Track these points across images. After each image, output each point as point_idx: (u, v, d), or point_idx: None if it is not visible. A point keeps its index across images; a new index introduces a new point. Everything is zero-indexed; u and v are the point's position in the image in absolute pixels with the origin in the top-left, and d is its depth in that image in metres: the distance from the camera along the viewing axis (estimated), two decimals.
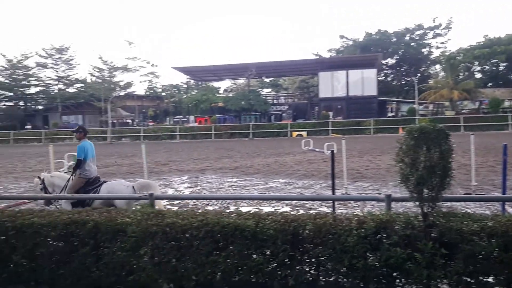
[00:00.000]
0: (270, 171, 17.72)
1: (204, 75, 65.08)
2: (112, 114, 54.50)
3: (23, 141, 49.51)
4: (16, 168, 22.94)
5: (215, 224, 4.48)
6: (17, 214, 5.28)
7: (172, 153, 28.76)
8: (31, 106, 69.03)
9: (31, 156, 30.44)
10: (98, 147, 36.55)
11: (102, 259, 4.77)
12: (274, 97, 68.96)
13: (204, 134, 46.15)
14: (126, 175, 18.20)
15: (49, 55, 63.84)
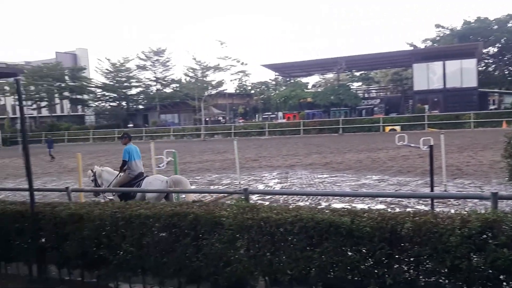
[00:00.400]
0: (362, 167, 17.32)
1: (292, 71, 65.22)
2: (205, 112, 56.74)
3: None
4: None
5: (309, 219, 4.49)
6: (126, 206, 5.72)
7: (262, 149, 29.24)
8: (132, 106, 74.11)
9: None
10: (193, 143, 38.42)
11: (201, 250, 5.00)
12: (365, 91, 67.18)
13: (293, 130, 46.26)
14: (219, 171, 18.88)
15: (148, 58, 68.04)
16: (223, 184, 15.30)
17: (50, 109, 67.72)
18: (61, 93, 66.60)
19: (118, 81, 67.65)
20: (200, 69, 64.14)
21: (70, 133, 56.98)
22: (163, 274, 5.33)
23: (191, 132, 51.58)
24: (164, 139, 49.84)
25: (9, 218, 6.26)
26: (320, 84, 77.99)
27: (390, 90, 65.97)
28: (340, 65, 54.35)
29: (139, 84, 70.74)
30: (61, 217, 5.90)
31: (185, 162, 22.66)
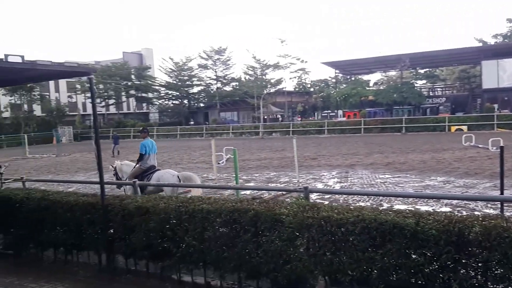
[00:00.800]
0: (426, 168, 16.70)
1: (353, 68, 64.01)
2: (263, 110, 57.07)
3: (188, 136, 54.81)
4: (183, 159, 25.56)
5: (371, 220, 4.41)
6: (189, 201, 5.91)
7: (321, 148, 28.97)
8: (193, 104, 76.00)
9: (194, 149, 33.59)
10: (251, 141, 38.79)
11: (261, 247, 5.06)
12: (430, 89, 64.51)
13: (353, 128, 45.41)
14: (277, 168, 18.93)
15: (209, 57, 69.44)
16: (281, 182, 15.34)
17: (117, 106, 70.93)
18: (128, 92, 69.57)
19: (181, 79, 69.60)
20: (260, 67, 64.59)
21: (136, 130, 59.40)
22: (224, 269, 5.44)
23: (250, 130, 52.07)
24: (223, 136, 50.70)
25: (81, 209, 6.66)
26: (382, 81, 75.93)
27: (457, 88, 62.98)
28: (403, 62, 52.63)
29: (200, 82, 72.39)
30: (128, 210, 6.19)
31: (243, 159, 22.94)
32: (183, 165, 22.47)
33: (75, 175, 20.71)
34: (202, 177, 17.22)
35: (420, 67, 68.24)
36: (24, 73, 6.91)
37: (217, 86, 71.37)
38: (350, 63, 59.63)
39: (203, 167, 20.58)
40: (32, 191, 7.68)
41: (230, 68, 71.16)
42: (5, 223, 7.54)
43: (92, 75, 6.51)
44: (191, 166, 21.43)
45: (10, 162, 25.52)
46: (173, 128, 58.23)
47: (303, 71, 70.39)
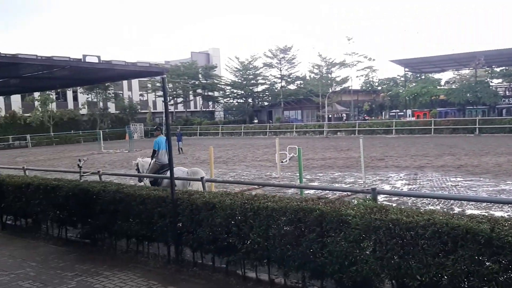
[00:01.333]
0: (502, 172, 15.73)
1: (424, 66, 61.53)
2: (328, 109, 56.40)
3: (251, 134, 55.43)
4: (247, 157, 25.91)
5: (443, 224, 4.25)
6: (254, 198, 6.00)
7: (388, 148, 28.15)
8: (258, 102, 76.67)
9: (258, 147, 33.91)
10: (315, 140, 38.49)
11: (326, 247, 5.03)
12: (507, 89, 60.50)
13: (423, 129, 43.62)
14: (342, 168, 18.66)
15: (274, 56, 69.66)
16: (346, 182, 15.11)
17: (185, 105, 73.16)
18: (195, 90, 71.55)
19: (246, 78, 70.42)
20: (325, 65, 63.82)
21: (201, 128, 61.00)
22: (288, 267, 5.47)
23: (314, 128, 51.65)
24: (286, 135, 50.73)
25: (152, 202, 6.98)
26: (454, 80, 72.26)
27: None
28: (478, 60, 49.83)
29: (265, 81, 72.79)
30: (196, 204, 6.40)
31: (307, 158, 22.83)
32: (246, 162, 22.77)
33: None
34: (266, 175, 17.39)
35: (496, 65, 64.12)
36: (102, 73, 7.33)
37: (282, 85, 71.44)
38: (420, 61, 57.37)
39: (266, 165, 20.74)
40: (108, 184, 8.14)
41: (295, 67, 71.00)
42: (83, 213, 8.07)
43: (164, 75, 6.78)
44: (254, 164, 21.66)
45: (87, 156, 27.19)
46: (237, 126, 59.13)
47: (371, 69, 68.68)
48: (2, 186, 9.73)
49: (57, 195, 8.46)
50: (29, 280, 6.52)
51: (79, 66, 6.34)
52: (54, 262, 7.38)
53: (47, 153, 36.81)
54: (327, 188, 9.32)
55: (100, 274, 6.66)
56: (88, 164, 19.75)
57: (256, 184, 11.98)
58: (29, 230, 9.59)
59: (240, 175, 18.02)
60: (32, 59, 6.37)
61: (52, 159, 30.83)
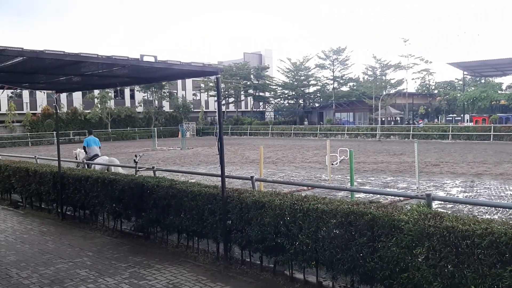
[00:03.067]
0: None
1: (484, 70, 58.76)
2: (381, 111, 55.14)
3: (301, 135, 55.18)
4: (296, 158, 25.83)
5: (501, 234, 4.06)
6: (304, 199, 5.99)
7: (444, 154, 27.12)
8: (309, 103, 76.23)
9: (308, 148, 33.72)
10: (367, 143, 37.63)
11: (377, 252, 4.94)
12: None
13: (481, 135, 41.68)
14: (395, 173, 18.20)
15: (327, 57, 68.97)
16: (399, 187, 14.73)
17: (236, 105, 74.02)
18: (247, 91, 72.20)
19: (297, 79, 70.19)
20: (380, 67, 62.48)
21: (252, 128, 61.41)
22: (337, 270, 5.41)
23: (366, 131, 50.68)
24: (337, 137, 50.07)
25: (204, 199, 7.13)
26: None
27: None
28: None
29: (317, 82, 72.24)
30: (246, 203, 6.47)
31: (358, 162, 22.44)
32: (296, 163, 22.71)
33: (197, 167, 22.11)
34: (315, 177, 17.25)
35: None
36: (159, 72, 7.57)
37: (334, 86, 70.63)
38: (480, 64, 54.87)
39: (316, 167, 20.59)
40: (162, 179, 8.39)
41: (348, 68, 69.94)
42: (138, 207, 8.37)
43: (219, 75, 6.91)
44: (304, 166, 21.56)
45: (143, 152, 28.12)
46: (287, 127, 59.05)
47: (427, 72, 66.54)
48: (63, 179, 10.27)
49: (113, 188, 8.81)
50: (86, 269, 6.85)
51: (138, 65, 6.56)
52: (109, 252, 7.71)
53: (105, 148, 38.18)
54: (379, 192, 9.14)
55: (152, 266, 6.88)
56: (143, 160, 20.43)
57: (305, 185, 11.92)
58: (86, 221, 10.06)
59: (289, 175, 18.00)
60: (95, 58, 6.67)
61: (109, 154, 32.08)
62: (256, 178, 8.06)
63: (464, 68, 58.55)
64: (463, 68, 58.55)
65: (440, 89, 70.45)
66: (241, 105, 78.94)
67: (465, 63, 55.78)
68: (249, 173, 16.72)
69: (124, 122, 60.01)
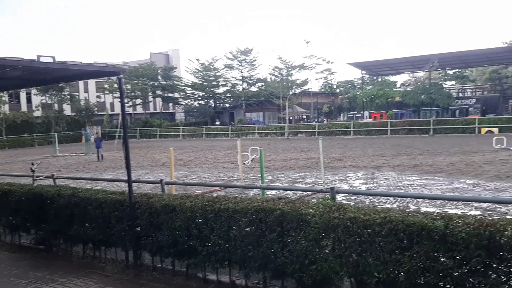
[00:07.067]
0: (455, 171, 16.36)
1: (380, 69, 63.20)
2: (289, 111, 56.93)
3: (213, 136, 55.18)
4: (208, 159, 25.75)
5: (399, 222, 4.35)
6: (215, 199, 5.95)
7: (347, 149, 28.72)
8: (219, 104, 76.45)
9: (220, 149, 33.79)
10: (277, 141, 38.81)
11: (287, 246, 5.05)
12: (459, 90, 63.17)
13: (380, 130, 44.84)
14: (303, 169, 18.87)
15: (235, 57, 69.68)
16: (306, 182, 15.28)
17: (144, 106, 72.01)
18: (154, 92, 70.53)
19: (207, 80, 70.09)
20: (285, 68, 64.46)
21: (162, 130, 60.15)
22: (249, 268, 5.45)
23: (275, 130, 52.03)
24: (248, 136, 50.83)
25: (110, 206, 6.80)
26: (409, 82, 74.71)
27: (488, 90, 61.40)
28: (432, 63, 51.66)
29: (226, 83, 72.72)
30: (155, 208, 6.28)
31: (269, 159, 22.94)
32: (208, 164, 22.63)
33: (103, 173, 21.11)
34: (228, 177, 17.32)
35: (449, 67, 66.82)
36: (56, 73, 7.08)
37: (243, 87, 71.58)
38: (376, 64, 58.91)
39: (228, 167, 20.68)
40: (63, 188, 7.86)
41: (256, 69, 71.32)
42: (37, 218, 7.76)
43: (121, 75, 6.63)
44: (216, 166, 21.56)
45: (41, 160, 26.21)
46: (198, 128, 58.73)
47: (329, 72, 69.95)
48: None
49: (9, 200, 8.10)
50: None
51: (32, 66, 6.07)
52: (7, 269, 7.06)
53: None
54: (288, 188, 9.40)
55: (55, 281, 6.42)
56: (42, 168, 19.06)
57: (218, 185, 11.93)
58: None
59: (201, 177, 17.88)
60: None
61: (4, 163, 29.52)
62: (165, 181, 7.86)
63: (362, 67, 62.43)
64: (361, 67, 62.41)
65: (342, 88, 74.50)
66: (150, 106, 76.94)
67: (363, 63, 59.49)
68: (160, 177, 16.31)
69: (21, 128, 55.49)
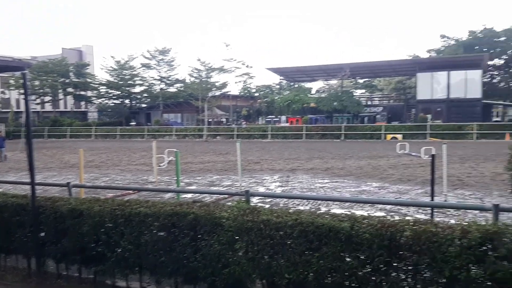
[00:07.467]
0: (363, 174, 17.31)
1: (297, 75, 65.27)
2: (208, 113, 56.78)
3: (128, 137, 53.40)
4: (122, 161, 24.84)
5: (309, 223, 4.49)
6: (126, 204, 5.73)
7: (264, 152, 29.25)
8: (135, 104, 74.11)
9: (135, 150, 32.77)
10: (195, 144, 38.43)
11: (200, 251, 5.00)
12: (368, 98, 67.16)
13: (295, 134, 46.28)
14: (220, 172, 18.88)
15: (152, 57, 68.04)
16: (224, 185, 15.31)
17: (54, 104, 67.86)
18: (65, 89, 66.72)
19: (122, 78, 67.62)
20: (205, 70, 64.21)
21: (73, 129, 57.08)
22: (160, 273, 5.33)
23: (194, 132, 51.62)
24: (166, 138, 49.90)
25: (10, 210, 6.29)
26: (324, 89, 77.99)
27: (393, 98, 65.94)
28: (344, 72, 54.38)
29: (143, 82, 70.74)
30: (61, 212, 5.92)
31: (186, 162, 22.68)
32: (121, 166, 21.84)
33: (6, 175, 19.52)
34: (142, 180, 16.82)
35: (360, 77, 70.91)
36: None
37: (161, 87, 70.12)
38: (294, 70, 60.78)
39: (143, 170, 20.12)
40: None
41: (175, 69, 70.17)
42: None
43: (26, 70, 6.20)
44: (130, 168, 20.87)
45: None
46: (112, 129, 56.51)
47: (248, 76, 70.78)
48: None
49: None
50: None
51: None
52: None
53: None
54: (203, 192, 9.34)
55: None
56: None
57: (130, 189, 11.52)
58: None
59: (113, 180, 17.20)
60: None
61: None
62: (73, 184, 7.43)
63: (280, 73, 64.08)
64: (279, 73, 64.04)
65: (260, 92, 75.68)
66: (60, 104, 72.64)
67: (281, 68, 61.06)
68: (69, 179, 15.41)
69: None
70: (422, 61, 56.11)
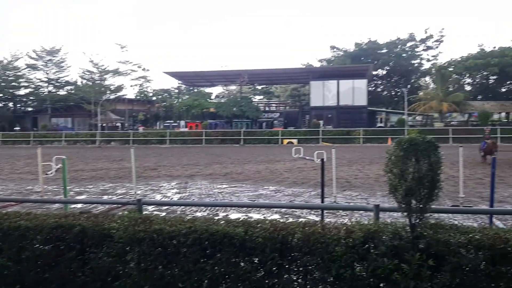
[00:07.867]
0: (261, 178, 17.71)
1: (196, 80, 65.06)
2: (101, 117, 54.16)
3: (11, 143, 48.98)
4: (4, 170, 22.67)
5: (203, 231, 4.46)
6: (4, 217, 5.21)
7: (162, 158, 28.62)
8: (20, 107, 68.34)
9: (19, 158, 30.12)
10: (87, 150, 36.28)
11: (88, 264, 4.71)
12: (266, 104, 69.15)
13: (195, 139, 46.03)
14: (114, 179, 18.07)
15: (39, 57, 63.34)
16: (117, 194, 14.64)
17: None
18: None
19: (5, 80, 61.97)
20: (98, 72, 61.30)
21: None
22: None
23: (86, 137, 48.90)
24: (54, 144, 46.61)
25: None
26: (223, 95, 78.75)
27: (289, 105, 68.70)
28: (242, 78, 55.40)
29: (29, 84, 65.45)
30: None
31: (76, 170, 21.38)
32: (3, 175, 19.92)
33: None
34: (26, 190, 15.48)
35: (258, 83, 72.86)
36: None
37: (49, 90, 65.42)
38: (193, 75, 60.48)
39: (27, 178, 18.53)
40: None
41: (65, 71, 66.03)
42: None
43: None
44: (13, 177, 19.12)
45: None
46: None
47: (145, 79, 69.02)
48: None
49: None
50: None
51: None
52: None
53: None
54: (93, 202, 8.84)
55: None
56: None
57: (12, 200, 10.58)
58: None
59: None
60: None
61: None
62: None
63: (179, 77, 63.34)
64: (178, 77, 63.28)
65: (158, 96, 74.16)
66: None
67: (180, 73, 60.37)
68: None
69: None
70: (314, 70, 59.25)
